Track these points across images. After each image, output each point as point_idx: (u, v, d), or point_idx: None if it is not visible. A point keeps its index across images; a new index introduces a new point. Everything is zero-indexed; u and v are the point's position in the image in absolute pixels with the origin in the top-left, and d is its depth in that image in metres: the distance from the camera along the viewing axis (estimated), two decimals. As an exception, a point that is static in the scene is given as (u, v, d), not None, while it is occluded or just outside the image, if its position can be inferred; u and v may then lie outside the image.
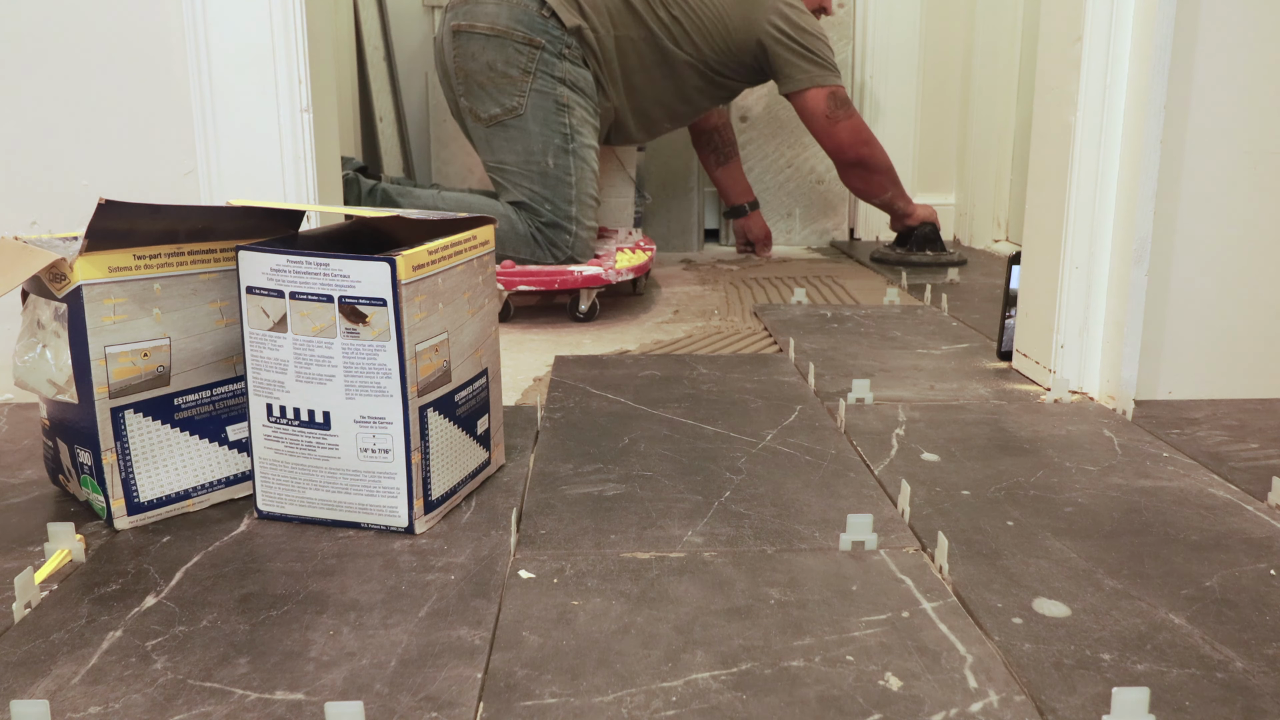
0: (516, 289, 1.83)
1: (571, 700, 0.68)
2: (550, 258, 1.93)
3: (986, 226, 2.76)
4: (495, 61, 1.94)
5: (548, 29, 1.94)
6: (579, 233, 1.94)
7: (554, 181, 1.94)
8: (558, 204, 1.93)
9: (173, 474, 0.96)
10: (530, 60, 1.94)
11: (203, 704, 0.67)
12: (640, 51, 2.08)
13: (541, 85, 1.94)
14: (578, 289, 1.85)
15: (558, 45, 1.95)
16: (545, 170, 1.94)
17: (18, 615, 0.79)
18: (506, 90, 1.95)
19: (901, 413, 1.28)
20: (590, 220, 1.97)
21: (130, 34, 1.28)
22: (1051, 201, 1.36)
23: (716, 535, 0.93)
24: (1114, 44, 1.27)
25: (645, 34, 2.07)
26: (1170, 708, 0.67)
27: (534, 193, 1.94)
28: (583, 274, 1.85)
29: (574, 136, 1.96)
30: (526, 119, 1.95)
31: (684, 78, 2.15)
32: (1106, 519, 0.97)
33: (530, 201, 1.94)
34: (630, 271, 1.89)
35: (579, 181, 1.96)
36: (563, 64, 1.96)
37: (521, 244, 1.93)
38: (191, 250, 0.96)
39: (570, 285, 1.84)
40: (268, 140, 1.29)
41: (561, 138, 1.95)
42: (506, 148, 1.97)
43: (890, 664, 0.72)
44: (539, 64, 1.94)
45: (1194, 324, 1.32)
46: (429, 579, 0.84)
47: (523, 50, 1.93)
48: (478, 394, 1.02)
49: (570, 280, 1.84)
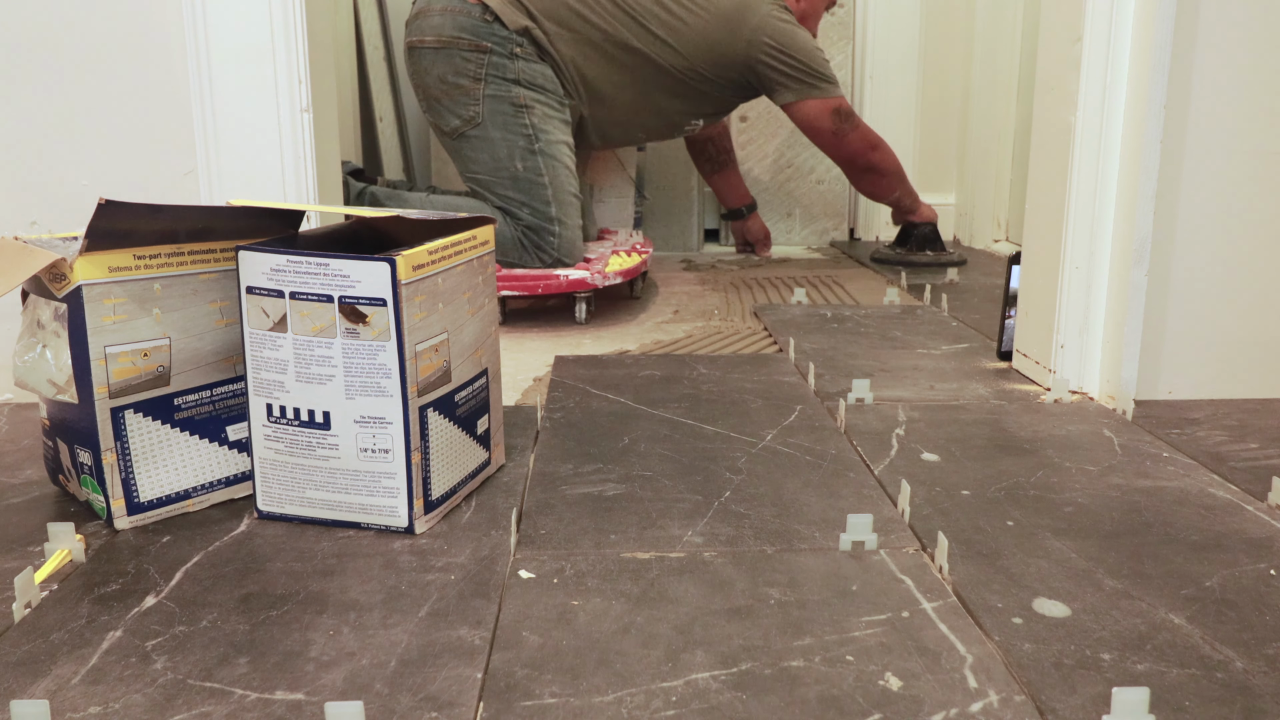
0: (501, 294, 1.79)
1: (571, 700, 0.68)
2: (538, 261, 1.91)
3: (986, 226, 2.76)
4: (445, 74, 1.91)
5: (493, 32, 1.90)
6: (563, 232, 1.91)
7: (526, 184, 1.91)
8: (535, 206, 1.91)
9: (173, 474, 0.96)
10: (479, 66, 1.90)
11: (203, 704, 0.67)
12: (609, 54, 2.01)
13: (495, 90, 1.91)
14: (571, 294, 1.83)
15: (507, 46, 1.91)
16: (515, 175, 1.91)
17: (18, 615, 0.79)
18: (461, 101, 1.92)
19: (901, 413, 1.28)
20: (574, 218, 1.94)
21: (130, 34, 1.28)
22: (1051, 201, 1.36)
23: (716, 535, 0.93)
24: (1114, 44, 1.27)
25: (607, 38, 2.00)
26: (1170, 708, 0.67)
27: (509, 199, 1.92)
28: (568, 278, 1.81)
29: (538, 136, 1.92)
30: (485, 126, 1.92)
31: (659, 86, 2.08)
32: (1106, 519, 0.97)
33: (508, 207, 1.92)
34: (619, 276, 1.85)
35: (553, 180, 1.92)
36: (515, 64, 1.92)
37: (510, 247, 1.91)
38: (191, 250, 0.96)
39: (554, 290, 1.80)
40: (268, 140, 1.29)
41: (525, 139, 1.92)
42: (474, 158, 1.94)
43: (890, 664, 0.72)
44: (489, 68, 1.90)
45: (1194, 324, 1.32)
46: (429, 579, 0.84)
47: (470, 57, 1.90)
48: (478, 394, 1.02)
49: (555, 285, 1.80)
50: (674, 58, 2.05)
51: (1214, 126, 1.27)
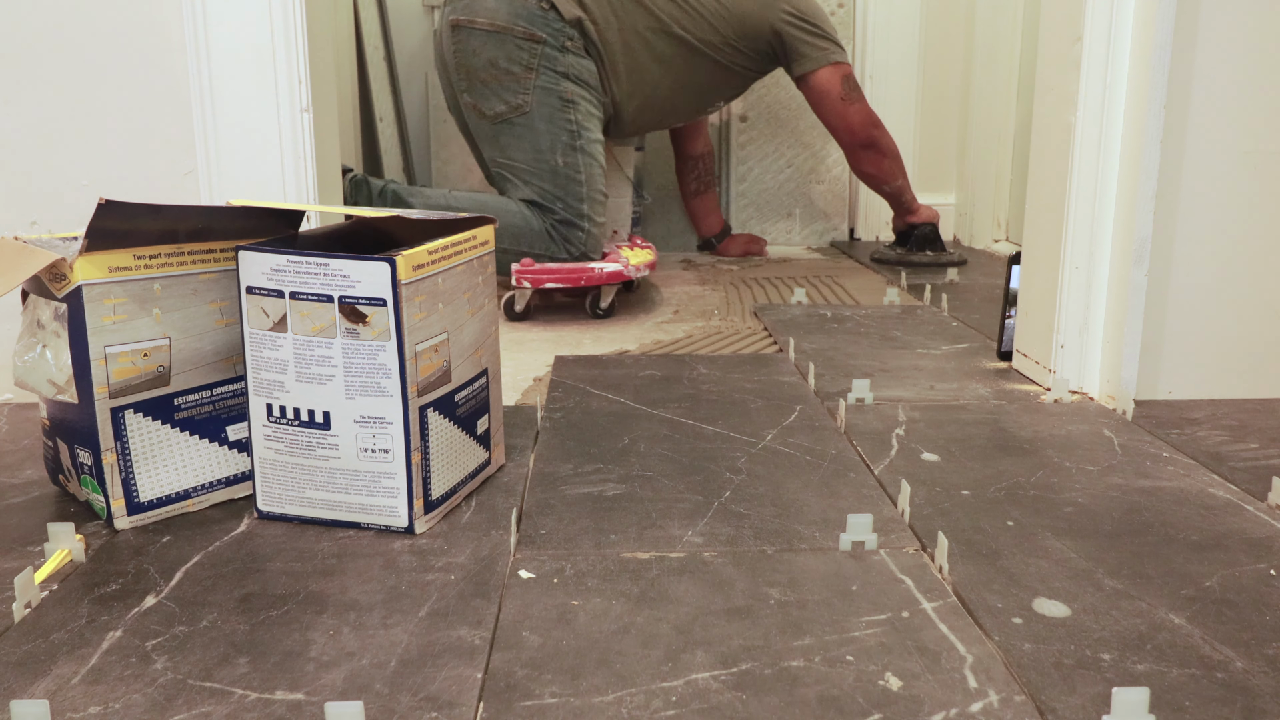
0: (544, 286, 1.83)
1: (571, 700, 0.68)
2: (565, 253, 1.93)
3: (986, 226, 2.76)
4: (497, 58, 1.93)
5: (548, 22, 1.93)
6: (591, 229, 1.94)
7: (565, 180, 1.93)
8: (569, 202, 1.93)
9: (173, 474, 0.96)
10: (532, 56, 1.92)
11: (203, 704, 0.67)
12: (650, 42, 2.06)
13: (545, 81, 1.93)
14: (598, 286, 1.87)
15: (559, 39, 1.94)
16: (555, 169, 1.93)
17: (18, 615, 0.79)
18: (510, 88, 1.94)
19: (901, 413, 1.28)
20: (600, 216, 1.97)
21: (130, 34, 1.28)
22: (1051, 201, 1.36)
23: (716, 535, 0.93)
24: (1114, 44, 1.27)
25: (653, 23, 2.05)
26: (1170, 708, 0.67)
27: (545, 191, 1.93)
28: (604, 270, 1.86)
29: (580, 133, 1.95)
30: (533, 117, 1.94)
31: (697, 67, 2.14)
32: (1106, 519, 0.97)
33: (542, 200, 1.93)
34: (646, 267, 1.93)
35: (589, 179, 1.95)
36: (566, 57, 1.94)
37: (537, 239, 1.92)
38: (191, 250, 0.96)
39: (595, 281, 1.86)
40: (268, 140, 1.29)
41: (569, 135, 1.94)
42: (514, 145, 1.95)
43: (890, 664, 0.72)
44: (541, 59, 1.93)
45: (1194, 324, 1.32)
46: (429, 579, 0.84)
47: (524, 46, 1.92)
48: (478, 394, 1.02)
49: (594, 277, 1.86)
50: (710, 34, 2.11)
51: (1214, 126, 1.27)
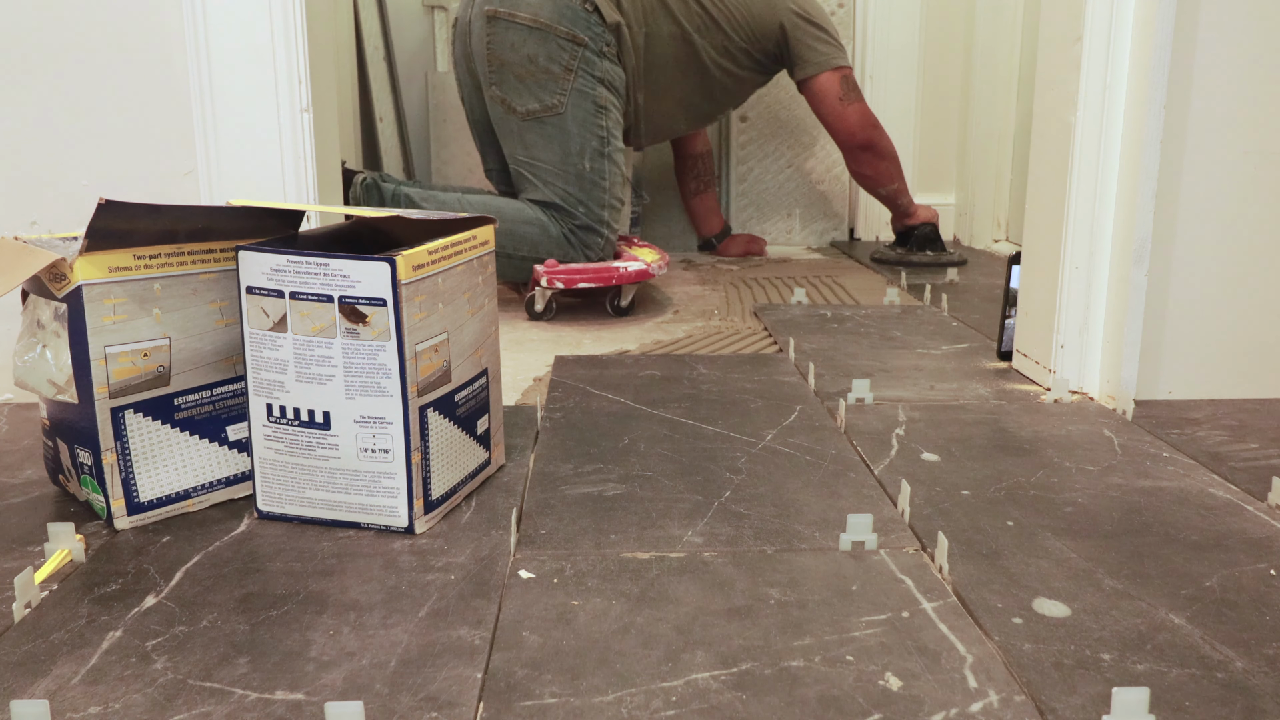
0: (576, 286, 1.84)
1: (571, 700, 0.68)
2: (582, 257, 1.93)
3: (986, 226, 2.76)
4: (537, 55, 1.90)
5: (590, 25, 1.91)
6: (609, 235, 1.94)
7: (589, 185, 1.92)
8: (591, 208, 1.92)
9: (173, 474, 0.96)
10: (573, 58, 1.90)
11: (203, 704, 0.67)
12: (668, 47, 2.07)
13: (582, 85, 1.91)
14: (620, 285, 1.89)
15: (599, 43, 1.92)
16: (581, 173, 1.92)
17: (18, 615, 0.79)
18: (547, 86, 1.91)
19: (901, 413, 1.28)
20: (616, 224, 1.97)
21: (130, 34, 1.28)
22: (1051, 201, 1.36)
23: (716, 535, 0.93)
24: (1114, 44, 1.27)
25: (676, 29, 2.07)
26: (1170, 708, 0.67)
27: (568, 195, 1.92)
28: (630, 269, 1.87)
29: (609, 140, 1.94)
30: (566, 119, 1.91)
31: (709, 73, 2.16)
32: (1106, 519, 0.97)
33: (563, 203, 1.92)
34: (663, 265, 1.94)
35: (611, 186, 1.94)
36: (603, 63, 1.93)
37: (555, 246, 1.90)
38: (191, 250, 0.96)
39: (623, 280, 1.87)
40: (268, 140, 1.29)
41: (599, 140, 1.93)
42: (542, 145, 1.93)
43: (890, 664, 0.72)
44: (581, 62, 1.91)
45: (1194, 324, 1.32)
46: (429, 579, 0.84)
47: (565, 46, 1.90)
48: (478, 394, 1.02)
49: (623, 276, 1.87)
50: (723, 39, 2.14)
51: (1214, 126, 1.27)
